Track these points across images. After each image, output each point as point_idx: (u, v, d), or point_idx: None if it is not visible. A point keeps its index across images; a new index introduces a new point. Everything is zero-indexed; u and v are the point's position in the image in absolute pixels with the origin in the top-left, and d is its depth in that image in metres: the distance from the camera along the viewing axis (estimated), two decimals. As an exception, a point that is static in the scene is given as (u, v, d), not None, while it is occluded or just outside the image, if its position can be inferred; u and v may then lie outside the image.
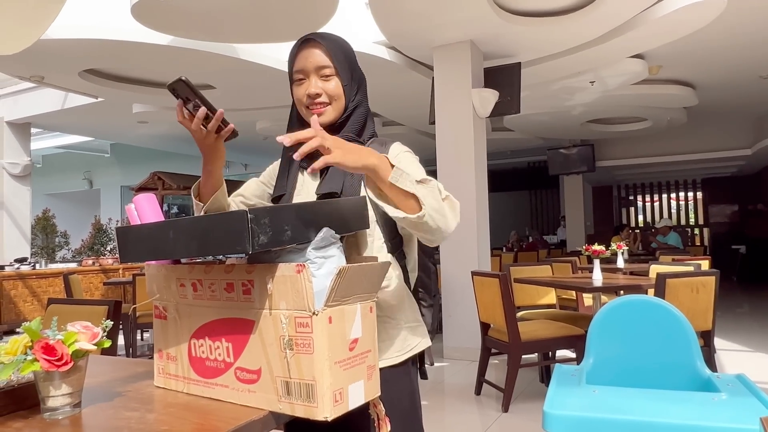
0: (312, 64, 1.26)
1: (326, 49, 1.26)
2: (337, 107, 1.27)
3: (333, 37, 1.30)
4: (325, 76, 1.26)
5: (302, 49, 1.27)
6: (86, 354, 1.03)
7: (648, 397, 1.29)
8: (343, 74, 1.26)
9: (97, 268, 7.81)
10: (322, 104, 1.26)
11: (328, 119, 1.26)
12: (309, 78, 1.26)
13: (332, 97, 1.26)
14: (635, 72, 6.46)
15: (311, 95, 1.25)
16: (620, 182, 16.16)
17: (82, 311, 2.34)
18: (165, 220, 1.09)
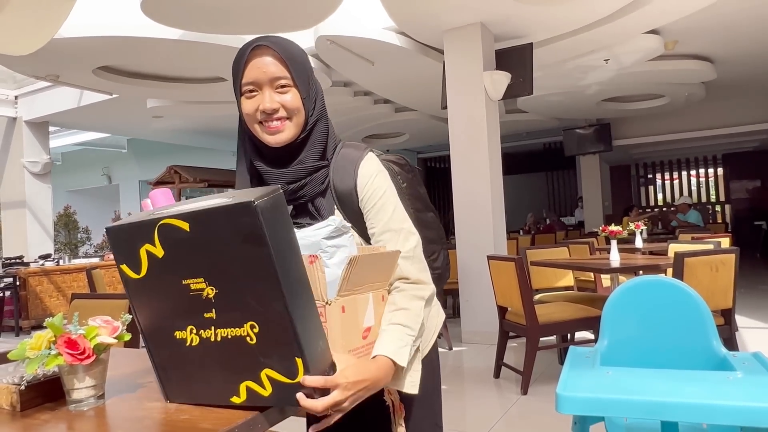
0: (266, 75, 1.09)
1: (281, 56, 1.09)
2: (297, 122, 1.12)
3: (286, 43, 1.13)
4: (281, 87, 1.10)
5: (253, 56, 1.10)
6: (108, 347, 1.06)
7: (662, 377, 1.29)
8: (301, 85, 1.11)
9: (118, 263, 7.95)
10: (280, 119, 1.11)
11: (287, 136, 1.11)
12: (262, 90, 1.10)
13: (291, 111, 1.11)
14: (651, 48, 6.34)
15: (267, 110, 1.09)
16: (638, 161, 15.94)
17: (104, 305, 2.40)
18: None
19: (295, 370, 0.89)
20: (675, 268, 3.13)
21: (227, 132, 10.73)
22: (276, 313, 0.87)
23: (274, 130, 1.11)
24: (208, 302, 0.92)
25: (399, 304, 1.09)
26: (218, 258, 0.89)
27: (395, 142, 11.54)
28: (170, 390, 1.03)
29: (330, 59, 6.07)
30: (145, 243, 0.94)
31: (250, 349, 0.91)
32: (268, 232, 0.84)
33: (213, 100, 7.73)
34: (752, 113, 10.34)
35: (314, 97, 1.15)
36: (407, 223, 1.16)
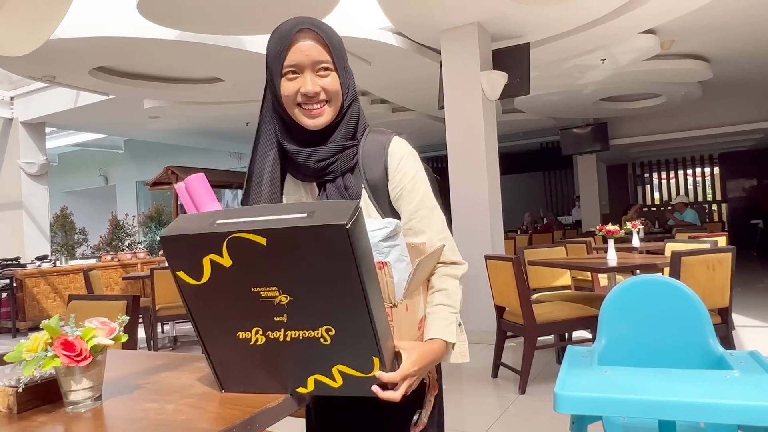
0: (309, 58, 1.09)
1: (324, 40, 1.10)
2: (335, 106, 1.14)
3: (327, 27, 1.14)
4: (323, 70, 1.11)
5: (297, 39, 1.10)
6: (104, 349, 1.06)
7: (659, 376, 1.30)
8: (340, 69, 1.13)
9: (115, 264, 7.93)
10: (320, 103, 1.12)
11: (326, 119, 1.13)
12: (303, 73, 1.11)
13: (331, 95, 1.12)
14: (647, 47, 6.36)
15: (309, 93, 1.10)
16: (635, 160, 15.97)
17: (101, 306, 2.39)
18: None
19: (369, 367, 0.94)
20: (672, 267, 3.14)
21: (224, 132, 10.73)
22: (357, 319, 0.91)
23: (315, 113, 1.12)
24: (281, 308, 0.93)
25: (438, 285, 1.14)
26: (296, 270, 0.90)
27: (392, 142, 11.53)
28: (227, 381, 1.04)
29: (327, 59, 6.08)
30: (211, 253, 0.93)
31: (323, 349, 0.94)
32: (355, 251, 0.85)
33: (210, 101, 7.72)
34: (748, 112, 10.37)
35: (349, 81, 1.16)
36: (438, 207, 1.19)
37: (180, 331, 6.47)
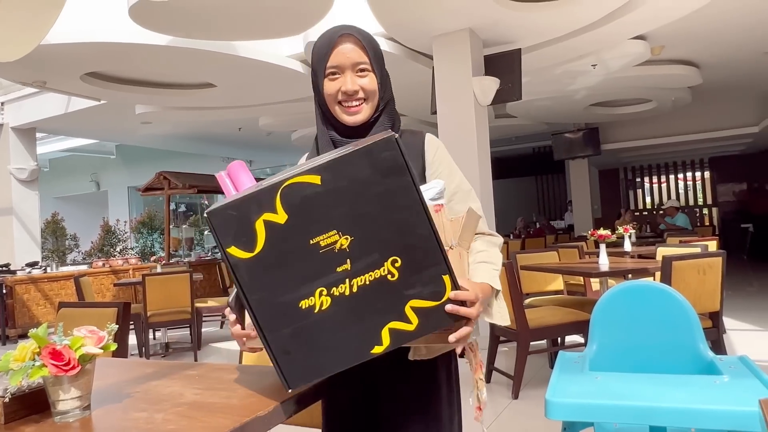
0: (349, 59, 1.21)
1: (363, 44, 1.23)
2: (372, 104, 1.25)
3: (365, 32, 1.27)
4: (361, 71, 1.22)
5: (339, 43, 1.23)
6: (93, 358, 1.06)
7: (650, 382, 1.30)
8: (377, 70, 1.24)
9: (107, 270, 7.88)
10: (359, 101, 1.23)
11: (363, 117, 1.24)
12: (344, 74, 1.23)
13: (368, 93, 1.23)
14: (637, 53, 6.41)
15: (348, 92, 1.21)
16: (626, 164, 16.07)
17: (92, 314, 2.37)
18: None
19: (442, 290, 0.94)
20: (663, 271, 3.16)
21: (216, 138, 10.70)
22: (420, 237, 0.93)
23: (353, 111, 1.23)
24: (342, 254, 0.93)
25: (479, 248, 1.22)
26: (353, 202, 0.92)
27: (385, 147, 11.55)
28: (292, 374, 0.99)
29: (319, 65, 6.08)
30: (263, 213, 0.93)
31: (392, 286, 0.94)
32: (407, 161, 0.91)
33: (202, 106, 7.71)
34: (738, 117, 10.47)
35: (386, 82, 1.27)
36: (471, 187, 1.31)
37: (172, 337, 6.43)
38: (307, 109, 8.01)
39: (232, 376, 1.28)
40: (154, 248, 13.02)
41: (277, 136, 10.30)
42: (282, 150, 12.49)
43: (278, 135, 10.19)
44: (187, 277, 5.40)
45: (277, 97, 7.24)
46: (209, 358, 5.56)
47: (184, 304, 5.36)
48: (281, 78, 6.38)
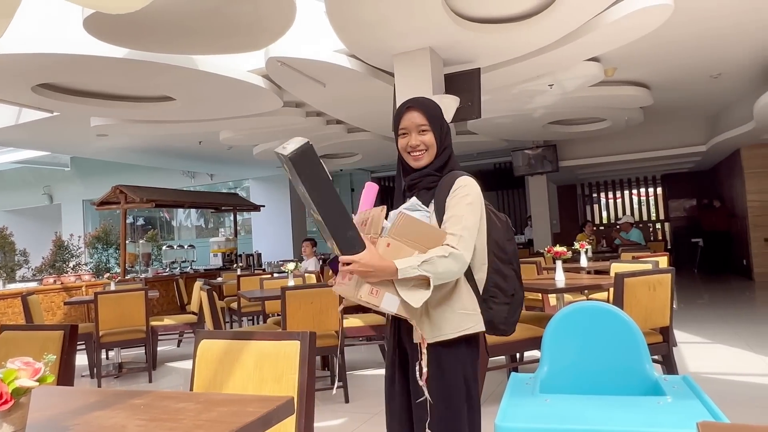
0: (413, 124, 1.75)
1: (423, 112, 1.75)
2: (431, 153, 1.76)
3: (428, 102, 1.79)
4: (422, 131, 1.74)
5: (406, 112, 1.77)
6: (28, 391, 1.01)
7: (597, 405, 1.33)
8: (435, 130, 1.74)
9: (58, 287, 7.58)
10: (420, 151, 1.75)
11: (424, 162, 1.77)
12: (410, 133, 1.75)
13: (427, 146, 1.75)
14: (592, 74, 6.62)
15: (413, 146, 1.75)
16: (583, 181, 16.52)
17: (37, 337, 2.27)
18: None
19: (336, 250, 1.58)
20: (615, 288, 3.24)
21: (176, 151, 10.50)
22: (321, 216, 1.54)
23: (417, 158, 1.76)
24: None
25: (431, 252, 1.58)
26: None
27: (349, 161, 11.56)
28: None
29: (281, 80, 6.06)
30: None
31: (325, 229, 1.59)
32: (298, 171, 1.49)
33: (161, 119, 7.56)
34: (687, 136, 10.92)
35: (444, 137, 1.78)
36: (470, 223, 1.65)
37: (126, 357, 6.23)
38: (268, 123, 7.96)
39: (179, 405, 1.24)
40: (109, 264, 12.61)
41: (238, 150, 10.17)
42: (244, 164, 12.34)
43: (240, 149, 10.07)
44: (142, 295, 5.25)
45: (238, 111, 7.17)
46: (164, 378, 5.40)
47: (139, 322, 5.20)
48: (242, 92, 6.33)
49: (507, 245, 1.78)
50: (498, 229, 1.79)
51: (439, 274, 1.55)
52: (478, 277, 1.74)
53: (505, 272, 1.76)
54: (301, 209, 14.48)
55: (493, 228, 1.79)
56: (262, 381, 1.56)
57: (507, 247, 1.78)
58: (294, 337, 1.58)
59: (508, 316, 1.75)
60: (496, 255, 1.76)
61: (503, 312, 1.74)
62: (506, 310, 1.74)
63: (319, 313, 3.94)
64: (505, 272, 1.76)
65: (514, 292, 1.76)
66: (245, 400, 1.25)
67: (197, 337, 1.77)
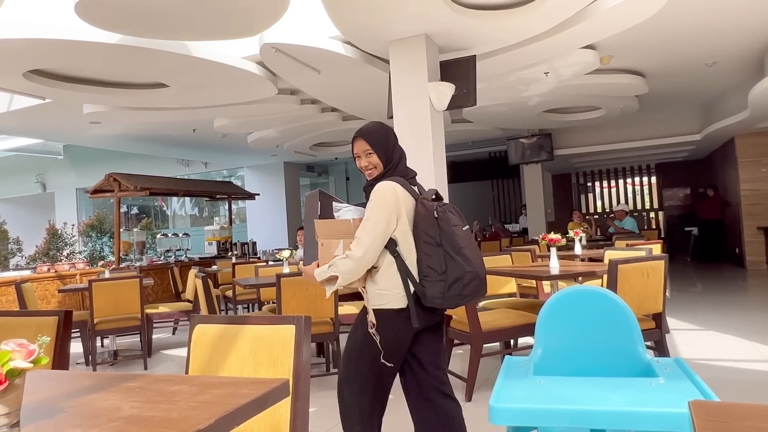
0: (360, 149, 2.23)
1: (366, 139, 2.22)
2: (379, 168, 2.23)
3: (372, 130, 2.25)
4: (369, 154, 2.22)
5: (355, 141, 2.25)
6: (22, 372, 1.01)
7: (590, 386, 1.34)
8: (379, 152, 2.22)
9: (52, 275, 7.55)
10: (370, 170, 2.24)
11: (375, 175, 2.24)
12: (361, 157, 2.24)
13: (375, 165, 2.23)
14: (587, 62, 6.61)
15: (363, 166, 2.25)
16: (578, 169, 16.55)
17: (30, 323, 2.26)
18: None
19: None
20: (609, 274, 3.26)
21: (170, 139, 10.44)
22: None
23: (369, 174, 2.25)
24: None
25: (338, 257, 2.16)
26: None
27: (344, 150, 11.53)
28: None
29: (275, 67, 6.02)
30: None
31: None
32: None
33: (154, 107, 7.50)
34: (681, 125, 10.95)
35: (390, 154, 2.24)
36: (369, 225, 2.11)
37: (121, 345, 6.23)
38: (262, 111, 7.91)
39: (174, 388, 1.24)
40: (103, 252, 12.57)
41: (232, 137, 10.12)
42: (238, 152, 12.28)
43: (234, 137, 10.02)
44: (137, 283, 5.24)
45: (232, 98, 7.12)
46: (160, 366, 5.41)
47: (134, 310, 5.20)
48: (236, 79, 6.28)
49: (430, 230, 2.07)
50: (422, 217, 2.10)
51: (342, 272, 2.08)
52: (409, 260, 2.11)
53: (432, 253, 2.06)
54: (295, 198, 14.46)
55: (418, 217, 2.11)
56: (258, 365, 1.57)
57: (430, 231, 2.07)
58: (289, 321, 1.58)
59: (444, 290, 2.04)
60: (424, 240, 2.08)
61: (438, 288, 2.05)
62: (441, 286, 2.04)
63: (314, 300, 3.95)
64: (432, 253, 2.06)
65: (446, 270, 2.04)
66: (240, 383, 1.26)
67: (192, 321, 1.77)
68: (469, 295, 2.06)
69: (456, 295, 2.04)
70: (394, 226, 2.11)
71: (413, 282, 2.09)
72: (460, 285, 2.03)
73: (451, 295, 2.04)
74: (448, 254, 2.05)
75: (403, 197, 2.14)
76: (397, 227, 2.11)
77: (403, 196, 2.14)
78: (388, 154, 2.19)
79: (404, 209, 2.13)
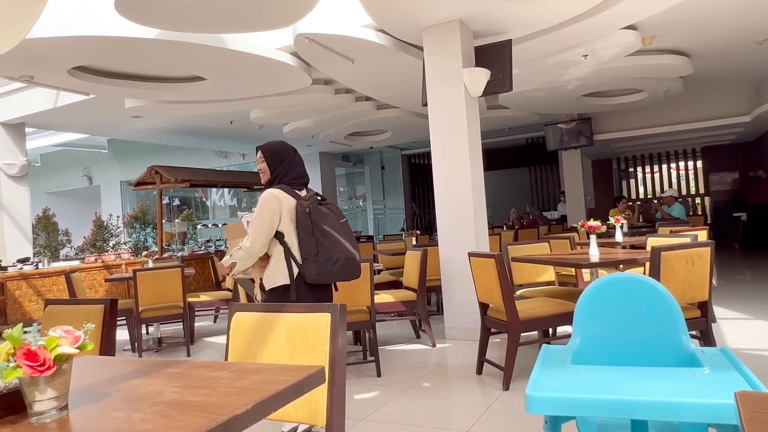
0: (257, 157, 2.93)
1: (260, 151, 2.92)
2: (267, 175, 2.90)
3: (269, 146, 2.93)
4: (261, 160, 2.91)
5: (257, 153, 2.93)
6: (69, 357, 1.05)
7: (631, 375, 1.30)
8: (267, 161, 2.89)
9: (99, 265, 7.84)
10: (262, 173, 2.91)
11: (265, 179, 2.91)
12: (258, 164, 2.93)
13: (264, 172, 2.90)
14: (628, 43, 6.39)
15: (258, 170, 2.95)
16: (620, 155, 16.09)
17: (79, 311, 2.35)
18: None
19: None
20: (652, 262, 3.17)
21: (208, 131, 10.63)
22: None
23: (261, 177, 2.92)
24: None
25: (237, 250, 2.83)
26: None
27: (378, 139, 11.52)
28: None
29: (309, 57, 6.04)
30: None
31: None
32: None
33: (192, 100, 7.65)
34: (729, 107, 10.49)
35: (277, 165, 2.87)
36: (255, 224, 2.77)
37: (165, 332, 6.42)
38: (298, 101, 7.97)
39: (214, 374, 1.27)
40: (147, 243, 12.96)
41: (269, 128, 10.24)
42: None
43: (270, 128, 10.14)
44: (179, 272, 5.38)
45: (268, 89, 7.19)
46: (202, 352, 5.55)
47: (176, 298, 5.34)
48: (271, 70, 6.34)
49: (305, 222, 2.71)
50: (299, 214, 2.72)
51: (238, 259, 2.79)
52: (294, 248, 2.75)
53: (307, 240, 2.71)
54: (331, 188, 14.55)
55: (297, 214, 2.73)
56: (294, 352, 1.59)
57: (305, 223, 2.70)
58: (324, 309, 1.59)
59: (320, 268, 2.69)
60: (300, 231, 2.72)
61: (314, 267, 2.69)
62: (316, 266, 2.69)
63: (350, 289, 3.97)
64: (307, 240, 2.71)
65: (317, 253, 2.68)
66: (277, 369, 1.28)
67: (231, 309, 1.81)
68: (339, 272, 2.71)
69: (328, 272, 2.68)
70: (277, 222, 2.73)
71: (296, 264, 2.72)
72: (330, 264, 2.67)
73: (324, 272, 2.68)
74: (319, 240, 2.68)
75: (285, 200, 2.74)
76: (281, 223, 2.74)
77: (284, 199, 2.75)
78: (275, 166, 2.85)
79: (285, 209, 2.74)
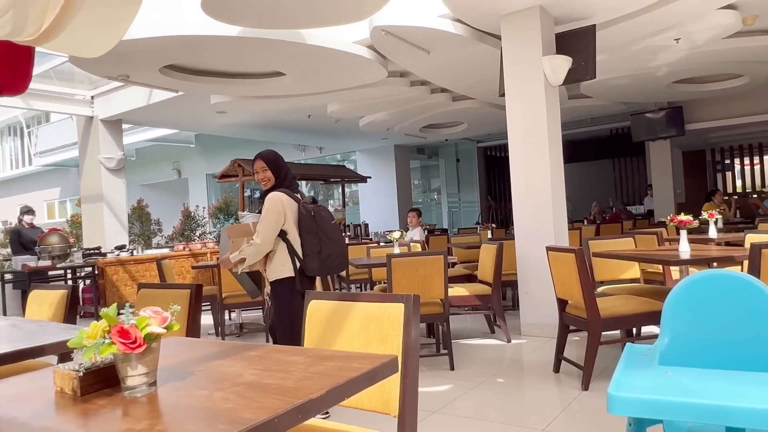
0: (259, 166, 3.23)
1: (263, 159, 3.23)
2: (272, 182, 3.22)
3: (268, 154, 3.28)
4: (264, 169, 3.22)
5: (255, 161, 3.24)
6: (158, 337, 1.11)
7: (725, 380, 1.20)
8: (272, 169, 3.22)
9: (187, 253, 8.30)
10: (264, 181, 3.22)
11: (268, 187, 3.21)
12: (259, 172, 3.23)
13: (268, 179, 3.22)
14: (727, 24, 5.92)
15: (260, 179, 3.24)
16: (714, 145, 15.01)
17: (168, 294, 2.50)
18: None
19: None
20: (751, 260, 2.92)
21: (288, 125, 10.96)
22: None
23: (264, 185, 3.26)
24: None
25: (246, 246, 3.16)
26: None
27: (454, 131, 11.40)
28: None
29: (385, 50, 6.06)
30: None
31: None
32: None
33: (273, 95, 7.90)
34: None
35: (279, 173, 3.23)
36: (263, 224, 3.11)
37: (246, 318, 6.70)
38: (374, 95, 8.03)
39: (290, 358, 1.30)
40: (230, 233, 13.54)
41: (345, 122, 10.40)
42: (351, 136, 12.60)
43: (347, 121, 10.29)
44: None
45: (344, 83, 7.29)
46: (280, 339, 5.75)
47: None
48: (348, 64, 6.42)
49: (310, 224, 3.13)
50: (304, 216, 3.13)
51: (248, 254, 3.10)
52: (296, 245, 3.13)
53: (312, 239, 3.12)
54: (406, 181, 14.58)
55: (301, 216, 3.14)
56: (368, 341, 1.60)
57: (310, 225, 3.12)
58: (398, 299, 1.59)
59: (320, 263, 3.13)
60: (305, 231, 3.13)
61: (316, 261, 3.12)
62: (318, 260, 3.12)
63: (424, 281, 3.96)
64: (312, 239, 3.12)
65: (320, 250, 3.11)
66: (351, 357, 1.29)
67: (307, 297, 1.85)
68: (336, 267, 3.25)
69: (328, 266, 3.15)
70: (282, 222, 3.11)
71: (298, 259, 3.13)
72: (331, 259, 3.15)
73: (324, 266, 3.14)
74: (322, 240, 3.13)
75: (288, 202, 3.14)
76: (285, 223, 3.12)
77: (287, 201, 3.14)
78: (278, 172, 3.21)
79: (289, 211, 3.13)
